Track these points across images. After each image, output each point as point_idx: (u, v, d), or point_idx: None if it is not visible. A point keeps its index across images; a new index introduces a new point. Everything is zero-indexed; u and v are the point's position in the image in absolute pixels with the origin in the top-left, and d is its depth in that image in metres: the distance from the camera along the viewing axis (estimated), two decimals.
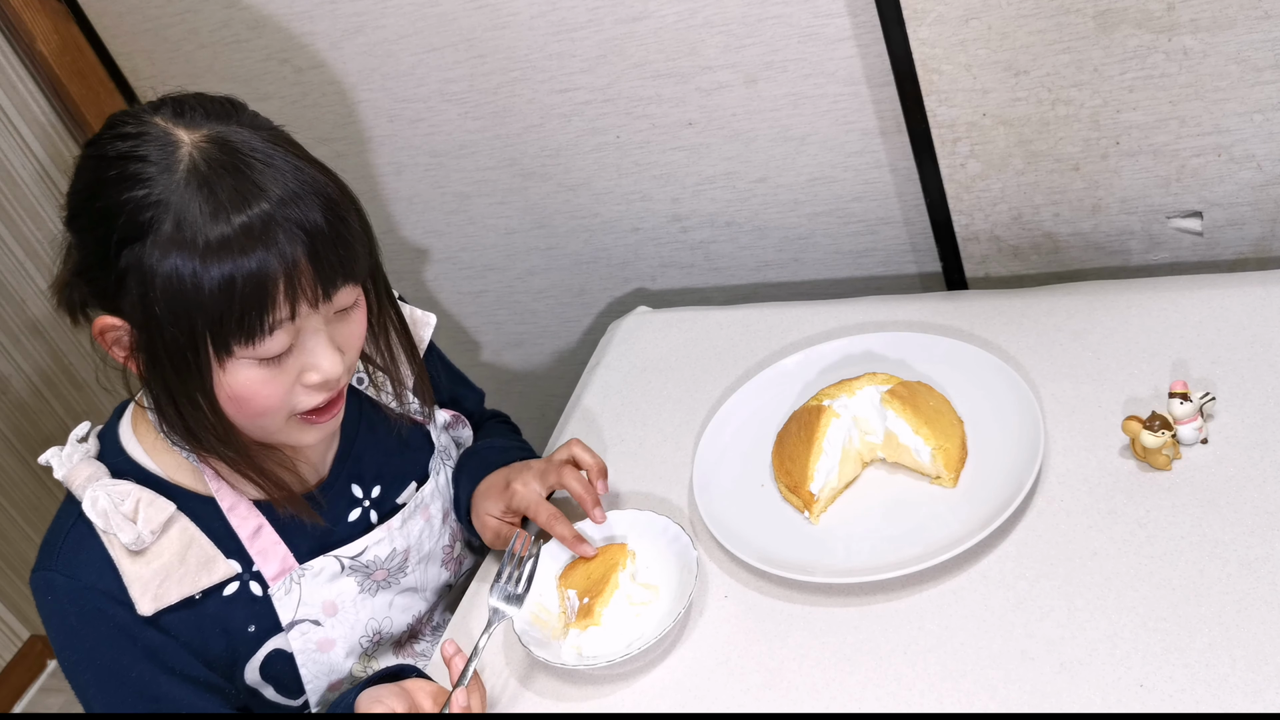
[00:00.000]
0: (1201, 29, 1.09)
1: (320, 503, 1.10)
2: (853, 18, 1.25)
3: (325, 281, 0.92)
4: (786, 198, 1.44)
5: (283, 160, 0.91)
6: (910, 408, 1.07)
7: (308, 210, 0.90)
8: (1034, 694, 0.87)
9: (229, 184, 0.88)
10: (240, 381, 0.93)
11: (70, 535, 1.00)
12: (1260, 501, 0.94)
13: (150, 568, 0.99)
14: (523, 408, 1.86)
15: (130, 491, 1.00)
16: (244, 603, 1.04)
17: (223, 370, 0.92)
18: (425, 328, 1.22)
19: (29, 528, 2.29)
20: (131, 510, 0.99)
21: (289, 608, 1.06)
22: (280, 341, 0.92)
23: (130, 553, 0.99)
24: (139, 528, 0.98)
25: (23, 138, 1.79)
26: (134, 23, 1.59)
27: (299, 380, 0.95)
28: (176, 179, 0.88)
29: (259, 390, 0.94)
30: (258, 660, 1.06)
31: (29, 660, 2.55)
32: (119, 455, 1.04)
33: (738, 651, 1.00)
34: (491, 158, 1.55)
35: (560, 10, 1.36)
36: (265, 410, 0.95)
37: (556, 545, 1.12)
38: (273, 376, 0.94)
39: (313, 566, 1.07)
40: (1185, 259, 1.27)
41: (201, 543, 1.02)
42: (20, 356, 2.10)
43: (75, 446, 1.03)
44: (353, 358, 1.00)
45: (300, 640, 1.07)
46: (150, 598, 0.99)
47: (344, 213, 0.93)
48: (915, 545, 1.01)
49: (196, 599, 1.02)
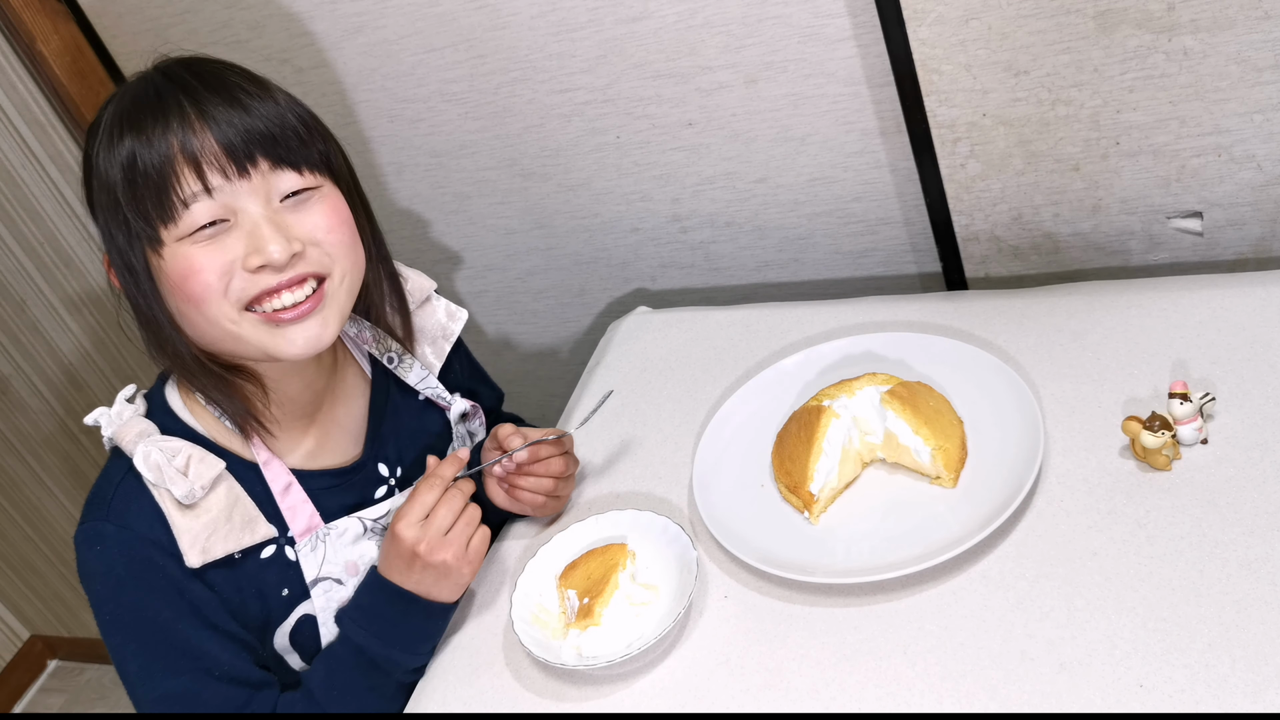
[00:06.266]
0: (1201, 29, 1.09)
1: (356, 479, 1.15)
2: (853, 18, 1.25)
3: (236, 154, 0.97)
4: (786, 198, 1.44)
5: (209, 63, 1.02)
6: (910, 408, 1.07)
7: (211, 91, 0.98)
8: (1034, 694, 0.87)
9: (147, 83, 1.00)
10: (178, 264, 0.97)
11: (121, 488, 1.03)
12: (1260, 501, 0.94)
13: (200, 521, 1.02)
14: (523, 408, 1.86)
15: (181, 448, 1.03)
16: (280, 566, 1.08)
17: (162, 259, 0.98)
18: (456, 322, 1.27)
19: (29, 528, 2.29)
20: (184, 465, 1.02)
21: (313, 565, 1.09)
22: (200, 214, 0.96)
23: (181, 506, 1.02)
24: (191, 480, 1.01)
25: (23, 138, 1.79)
26: (134, 23, 1.59)
27: (242, 265, 0.98)
28: (118, 93, 1.01)
29: (195, 269, 0.97)
30: (288, 625, 1.09)
31: (29, 660, 2.56)
32: (167, 415, 1.07)
33: (738, 651, 1.00)
34: (491, 158, 1.55)
35: (560, 10, 1.36)
36: (205, 292, 0.98)
37: (556, 545, 1.13)
38: (208, 255, 0.97)
39: (337, 526, 1.11)
40: (1185, 259, 1.27)
41: (245, 502, 1.06)
42: (20, 356, 2.10)
43: (124, 405, 1.07)
44: (316, 249, 1.02)
45: (323, 598, 1.10)
46: (199, 550, 1.01)
47: (258, 94, 1.01)
48: (915, 545, 1.01)
49: (237, 558, 1.05)
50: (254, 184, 0.98)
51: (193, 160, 0.96)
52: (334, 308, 1.03)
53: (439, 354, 1.26)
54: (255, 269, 0.98)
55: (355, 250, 1.06)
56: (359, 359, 1.22)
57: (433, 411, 1.25)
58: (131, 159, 0.96)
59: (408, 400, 1.22)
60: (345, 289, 1.05)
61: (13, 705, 2.52)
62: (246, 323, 1.00)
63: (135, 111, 0.98)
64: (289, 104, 1.04)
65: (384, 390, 1.21)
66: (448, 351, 1.26)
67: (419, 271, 1.27)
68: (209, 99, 0.98)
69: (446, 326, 1.26)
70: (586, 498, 1.23)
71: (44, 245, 1.92)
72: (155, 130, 0.96)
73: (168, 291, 1.00)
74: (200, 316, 0.99)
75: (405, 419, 1.21)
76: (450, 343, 1.26)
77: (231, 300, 0.99)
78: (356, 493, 1.15)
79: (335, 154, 1.07)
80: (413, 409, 1.23)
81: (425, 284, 1.26)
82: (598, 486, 1.24)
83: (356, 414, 1.18)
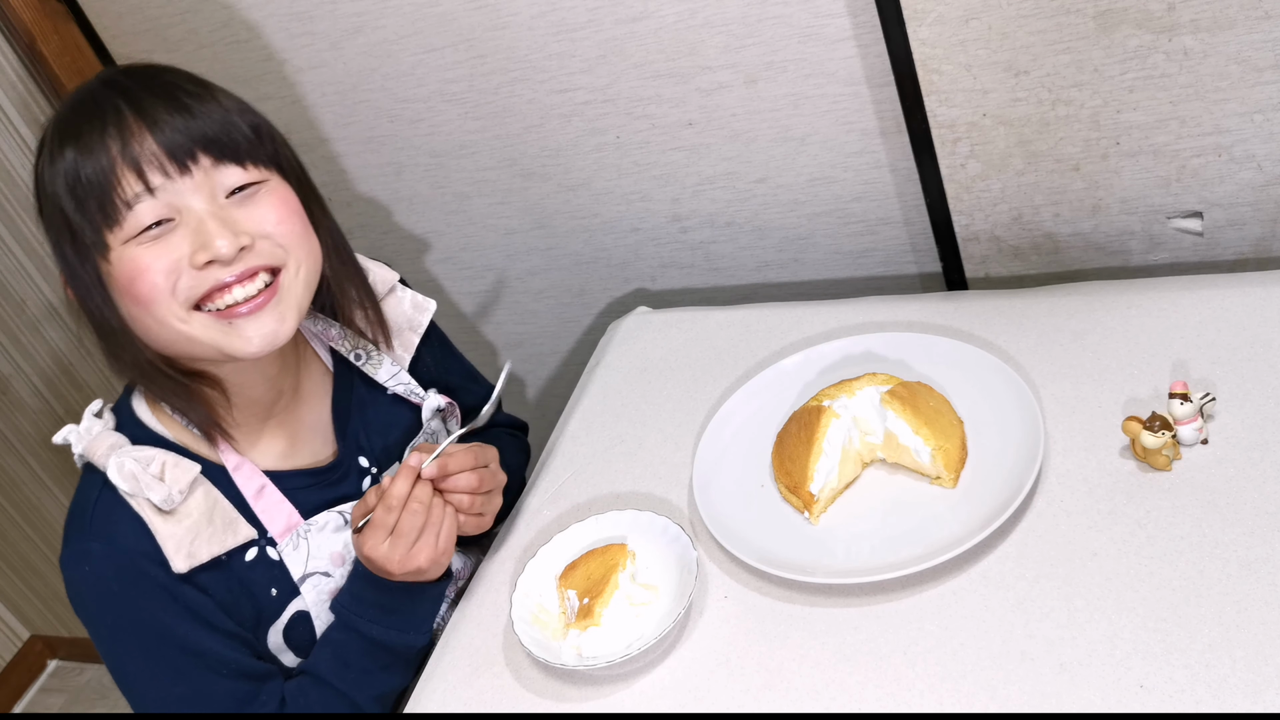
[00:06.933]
0: (1202, 29, 1.09)
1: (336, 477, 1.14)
2: (853, 18, 1.25)
3: (176, 152, 0.96)
4: (786, 198, 1.44)
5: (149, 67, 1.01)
6: (910, 408, 1.07)
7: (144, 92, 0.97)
8: (1034, 695, 0.87)
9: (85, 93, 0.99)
10: (124, 267, 0.96)
11: (99, 504, 1.02)
12: (1260, 502, 0.94)
13: (182, 526, 1.02)
14: (523, 408, 1.86)
15: (155, 455, 1.03)
16: (265, 567, 1.08)
17: (110, 265, 0.97)
18: (423, 313, 1.24)
19: (29, 528, 2.29)
20: (159, 471, 1.02)
21: (298, 563, 1.09)
22: (144, 214, 0.95)
23: (161, 513, 1.01)
24: (168, 485, 1.01)
25: (23, 138, 1.80)
26: (134, 23, 1.59)
27: (190, 262, 0.97)
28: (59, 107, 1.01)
29: (141, 269, 0.96)
30: (281, 623, 1.09)
31: (29, 660, 2.55)
32: (137, 426, 1.07)
33: (738, 652, 1.00)
34: (491, 158, 1.55)
35: (560, 10, 1.36)
36: (152, 292, 0.96)
37: (556, 545, 1.13)
38: (154, 255, 0.96)
39: (317, 521, 1.11)
40: (1185, 259, 1.27)
41: (224, 505, 1.05)
42: (20, 356, 2.10)
43: (91, 421, 1.06)
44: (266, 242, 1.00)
45: (313, 593, 1.10)
46: (184, 555, 1.01)
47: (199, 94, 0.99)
48: (915, 546, 1.01)
49: (223, 560, 1.05)
50: (196, 181, 0.97)
51: (132, 161, 0.95)
52: (290, 301, 1.02)
53: (407, 346, 1.23)
54: (202, 265, 0.96)
55: (309, 241, 1.04)
56: (321, 354, 1.20)
57: (402, 406, 1.22)
58: (73, 168, 0.95)
59: (374, 395, 1.21)
60: (301, 281, 1.03)
61: (13, 705, 2.52)
62: (197, 322, 0.98)
63: (74, 121, 0.97)
64: (234, 105, 1.02)
65: (347, 386, 1.19)
66: (416, 343, 1.23)
67: (381, 263, 1.24)
68: (146, 100, 0.97)
69: (413, 318, 1.24)
70: (586, 498, 1.23)
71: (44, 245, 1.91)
72: (93, 136, 0.95)
73: (119, 297, 0.98)
74: (150, 318, 0.98)
75: (373, 414, 1.19)
76: (418, 334, 1.24)
77: (180, 299, 0.97)
78: (339, 490, 1.14)
79: (284, 151, 1.05)
80: (380, 404, 1.21)
81: (388, 276, 1.23)
82: (598, 486, 1.23)
83: (323, 411, 1.17)
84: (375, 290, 1.19)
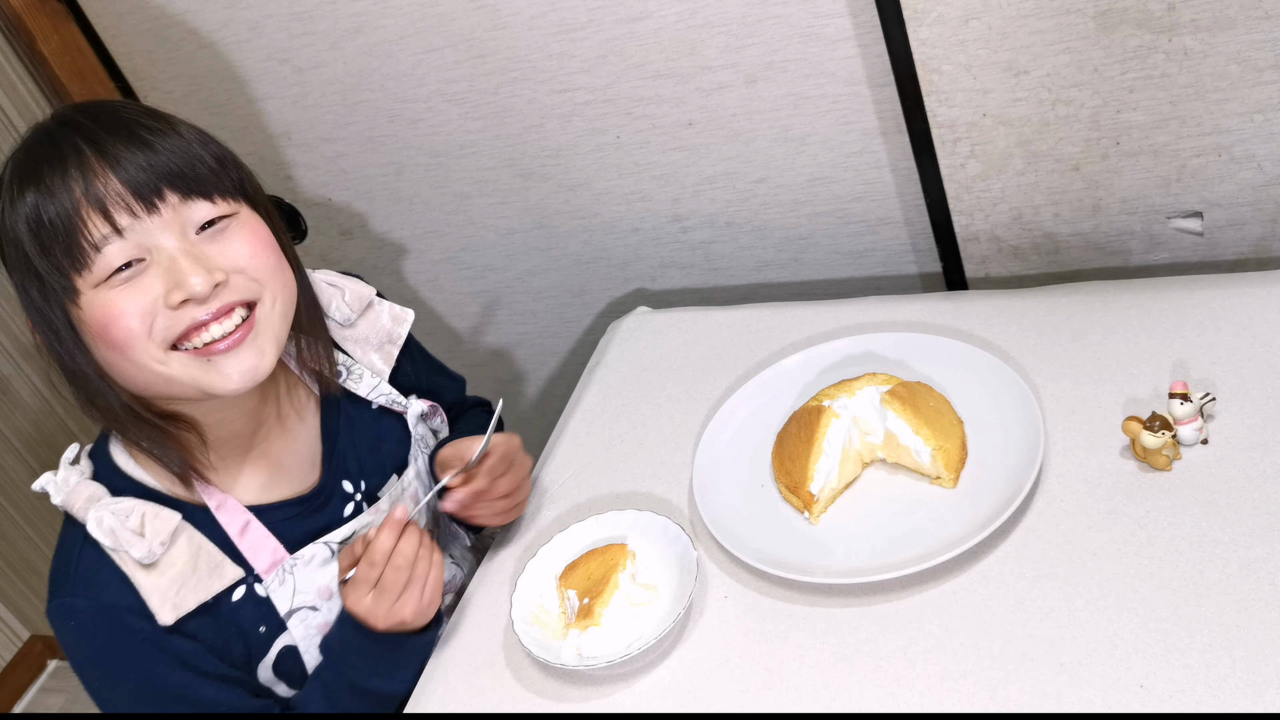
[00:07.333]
0: (1202, 29, 1.09)
1: (319, 504, 1.12)
2: (853, 18, 1.25)
3: (141, 191, 0.94)
4: (786, 198, 1.44)
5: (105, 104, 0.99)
6: (910, 408, 1.07)
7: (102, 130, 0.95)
8: (1034, 695, 0.87)
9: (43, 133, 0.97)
10: (97, 312, 0.94)
11: (81, 559, 1.01)
12: (1260, 502, 0.94)
13: (165, 577, 1.00)
14: (523, 408, 1.86)
15: (134, 507, 1.00)
16: (253, 604, 1.06)
17: (81, 310, 0.94)
18: (402, 325, 1.23)
19: (29, 528, 2.29)
20: (138, 525, 0.99)
21: (285, 598, 1.07)
22: (114, 256, 0.93)
23: (143, 566, 0.99)
24: (148, 540, 0.99)
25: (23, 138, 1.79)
26: (134, 23, 1.59)
27: (165, 303, 0.94)
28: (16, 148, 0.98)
29: (115, 314, 0.93)
30: (270, 658, 1.07)
31: (29, 660, 2.55)
32: (114, 473, 1.04)
33: (738, 652, 1.00)
34: (491, 158, 1.55)
35: (560, 11, 1.36)
36: (128, 336, 0.94)
37: (556, 545, 1.13)
38: (128, 299, 0.94)
39: (303, 555, 1.08)
40: (1185, 259, 1.27)
41: (208, 549, 1.03)
42: (20, 356, 2.10)
43: (69, 470, 1.04)
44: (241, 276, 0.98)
45: (301, 628, 1.08)
46: (170, 607, 0.99)
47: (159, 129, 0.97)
48: (915, 546, 1.01)
49: (211, 603, 1.03)
50: (165, 219, 0.94)
51: (97, 203, 0.92)
52: (268, 334, 0.99)
53: (387, 359, 1.21)
54: (178, 305, 0.94)
55: (283, 272, 1.02)
56: (305, 379, 1.17)
57: (389, 417, 1.21)
58: (35, 212, 0.92)
59: (361, 410, 1.19)
60: (278, 313, 1.01)
61: (13, 705, 2.52)
62: (175, 362, 0.95)
63: (33, 163, 0.94)
64: (195, 136, 0.99)
65: (334, 406, 1.17)
66: (395, 355, 1.22)
67: (356, 278, 1.23)
68: (107, 139, 0.94)
69: (392, 331, 1.22)
70: (586, 498, 1.23)
71: None
72: (55, 179, 0.92)
73: (92, 342, 0.95)
74: (127, 363, 0.95)
75: (361, 430, 1.17)
76: (398, 346, 1.22)
77: (157, 341, 0.94)
78: (322, 517, 1.12)
79: (249, 181, 1.03)
80: (367, 418, 1.19)
81: (365, 291, 1.21)
82: (598, 486, 1.23)
83: (309, 437, 1.15)
84: (351, 307, 1.19)
